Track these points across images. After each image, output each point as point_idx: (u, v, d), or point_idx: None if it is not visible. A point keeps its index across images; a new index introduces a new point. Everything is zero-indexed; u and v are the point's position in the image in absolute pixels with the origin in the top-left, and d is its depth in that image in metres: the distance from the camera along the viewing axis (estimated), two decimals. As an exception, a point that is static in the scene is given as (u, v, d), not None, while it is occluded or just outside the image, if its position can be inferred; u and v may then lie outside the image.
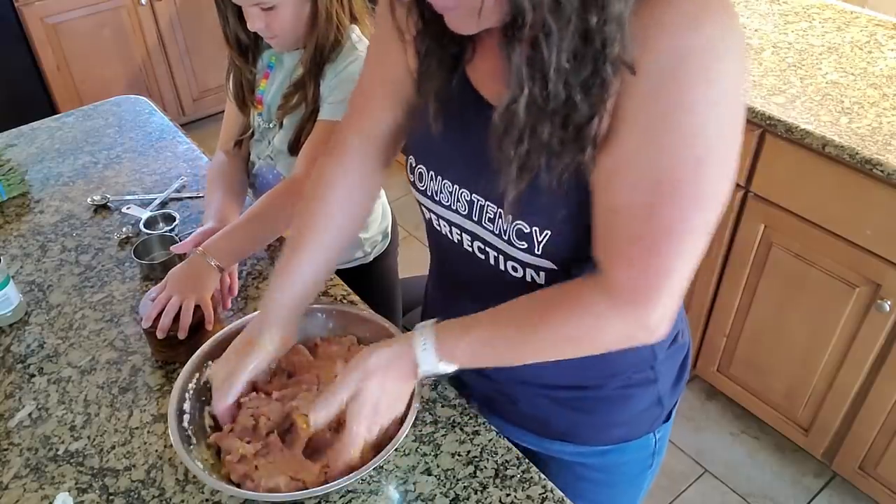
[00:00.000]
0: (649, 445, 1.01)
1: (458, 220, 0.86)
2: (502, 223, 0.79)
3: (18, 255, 1.37)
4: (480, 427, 1.01)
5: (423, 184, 0.87)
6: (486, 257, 0.85)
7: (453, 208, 0.85)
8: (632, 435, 0.99)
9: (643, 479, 1.07)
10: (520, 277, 0.83)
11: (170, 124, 1.77)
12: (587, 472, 1.02)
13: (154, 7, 3.23)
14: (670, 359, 0.96)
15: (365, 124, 0.95)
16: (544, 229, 0.76)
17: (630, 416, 0.97)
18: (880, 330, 1.65)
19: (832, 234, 1.65)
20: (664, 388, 0.97)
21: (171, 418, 0.91)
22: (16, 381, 1.12)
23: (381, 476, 0.95)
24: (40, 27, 2.98)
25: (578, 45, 0.62)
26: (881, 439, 1.77)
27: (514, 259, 0.82)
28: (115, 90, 2.80)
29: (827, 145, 1.55)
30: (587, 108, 0.65)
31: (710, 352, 2.11)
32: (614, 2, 0.60)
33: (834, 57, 1.83)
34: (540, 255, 0.78)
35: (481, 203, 0.81)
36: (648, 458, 1.03)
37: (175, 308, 1.09)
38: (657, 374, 0.95)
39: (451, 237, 0.89)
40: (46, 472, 0.98)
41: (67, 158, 1.65)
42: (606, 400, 0.95)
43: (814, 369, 1.84)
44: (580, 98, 0.64)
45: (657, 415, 0.99)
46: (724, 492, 2.03)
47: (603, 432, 0.98)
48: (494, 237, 0.82)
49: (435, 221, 0.90)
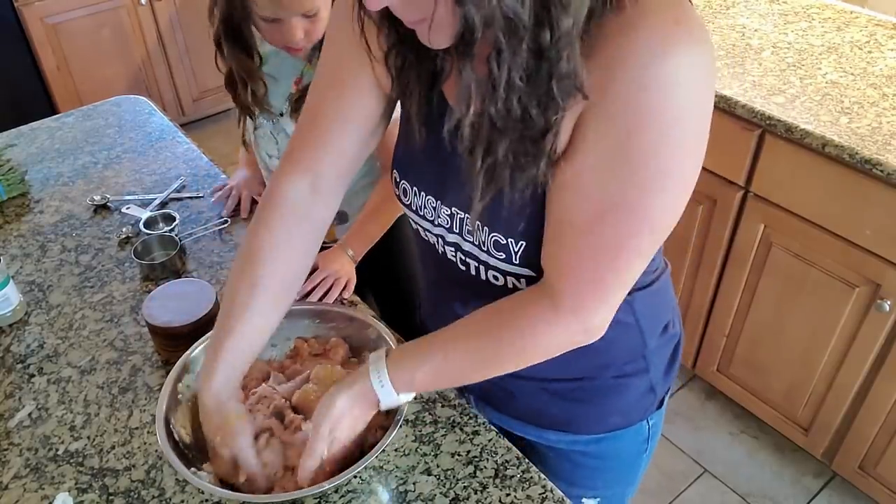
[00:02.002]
0: (643, 432, 1.03)
1: (441, 233, 0.87)
2: (481, 235, 0.81)
3: (18, 255, 1.37)
4: (480, 427, 1.01)
5: (408, 198, 0.88)
6: (468, 268, 0.87)
7: (436, 223, 0.86)
8: (626, 423, 1.01)
9: (638, 463, 1.10)
10: (501, 285, 0.85)
11: (170, 124, 1.77)
12: (584, 459, 1.05)
13: (154, 7, 3.23)
14: (661, 348, 0.98)
15: (315, 158, 0.90)
16: (519, 240, 0.78)
17: (624, 404, 0.99)
18: (880, 330, 1.65)
19: (832, 234, 1.65)
20: (656, 376, 0.99)
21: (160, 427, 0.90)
22: (16, 381, 1.12)
23: (381, 476, 0.95)
24: (40, 27, 2.98)
25: (531, 62, 0.62)
26: (881, 439, 1.77)
27: (495, 269, 0.84)
28: (115, 90, 2.79)
29: (827, 145, 1.55)
30: (542, 122, 0.66)
31: (710, 352, 2.11)
32: (564, 18, 0.60)
33: (834, 57, 1.83)
34: (518, 265, 0.80)
35: (461, 216, 0.83)
36: (643, 444, 1.05)
37: (329, 283, 1.23)
38: (649, 363, 0.97)
39: (437, 248, 0.90)
40: (46, 472, 0.98)
41: (67, 158, 1.65)
42: (601, 390, 0.96)
43: (814, 369, 1.84)
44: (535, 113, 0.65)
45: (650, 402, 1.01)
46: (723, 491, 2.03)
47: (599, 421, 1.00)
48: (475, 248, 0.83)
49: (422, 233, 0.92)
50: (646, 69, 0.62)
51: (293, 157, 0.91)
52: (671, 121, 0.65)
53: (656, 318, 0.96)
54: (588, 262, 0.73)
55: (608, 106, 0.65)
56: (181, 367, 0.97)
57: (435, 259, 0.92)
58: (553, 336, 0.79)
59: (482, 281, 0.86)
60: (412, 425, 1.01)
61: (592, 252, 0.72)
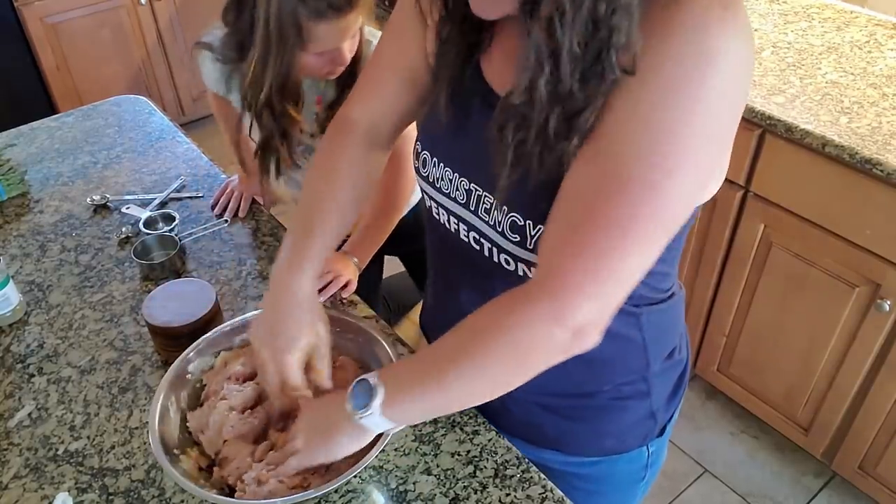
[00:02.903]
0: (641, 458, 1.00)
1: (455, 209, 0.86)
2: (497, 214, 0.79)
3: (18, 255, 1.37)
4: (480, 427, 1.01)
5: (426, 169, 0.88)
6: (481, 248, 0.85)
7: (452, 196, 0.85)
8: (623, 447, 0.98)
9: (635, 491, 1.06)
10: (512, 270, 0.83)
11: (169, 124, 1.77)
12: (578, 481, 1.01)
13: (154, 7, 3.23)
14: (666, 372, 0.95)
15: (372, 104, 0.95)
16: (537, 223, 0.75)
17: (621, 427, 0.96)
18: (880, 330, 1.65)
19: (832, 233, 1.65)
20: (658, 402, 0.96)
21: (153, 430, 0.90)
22: (15, 381, 1.12)
23: (381, 476, 0.95)
24: (40, 27, 2.98)
25: (587, 31, 0.62)
26: (881, 439, 1.77)
27: (507, 252, 0.81)
28: (114, 90, 2.79)
29: (827, 145, 1.55)
30: (583, 98, 0.65)
31: (710, 351, 2.11)
32: None
33: (833, 57, 1.83)
34: (532, 250, 0.77)
35: (479, 193, 0.81)
36: (641, 471, 1.02)
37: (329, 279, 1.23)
38: (650, 386, 0.94)
39: (448, 226, 0.89)
40: (46, 472, 0.98)
41: (67, 158, 1.65)
42: (598, 409, 0.94)
43: (814, 369, 1.84)
44: (577, 88, 0.64)
45: (650, 428, 0.98)
46: (723, 491, 2.03)
47: (593, 442, 0.98)
48: (489, 228, 0.81)
49: (434, 210, 0.90)
50: (684, 45, 0.62)
51: (354, 98, 0.97)
52: (698, 100, 0.63)
53: (663, 340, 0.93)
54: (582, 241, 0.66)
55: (640, 76, 0.63)
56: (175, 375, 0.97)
57: (445, 241, 0.91)
58: (531, 326, 0.69)
59: (493, 263, 0.84)
60: (412, 425, 1.01)
61: (590, 231, 0.66)
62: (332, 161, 0.96)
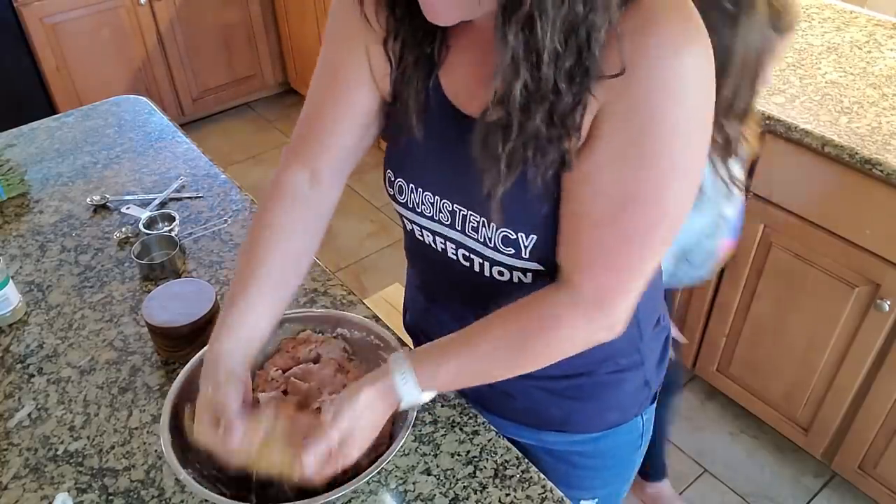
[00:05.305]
0: (638, 427, 1.04)
1: (441, 230, 0.86)
2: (487, 231, 0.80)
3: (18, 255, 1.37)
4: (480, 427, 1.01)
5: (404, 196, 0.87)
6: (471, 264, 0.86)
7: (436, 219, 0.85)
8: (623, 418, 1.02)
9: (634, 459, 1.11)
10: (506, 280, 0.85)
11: (169, 124, 1.77)
12: (582, 460, 1.05)
13: (153, 7, 3.22)
14: (654, 340, 1.00)
15: (313, 153, 0.91)
16: (530, 234, 0.77)
17: (621, 399, 1.00)
18: (880, 330, 1.65)
19: (832, 234, 1.65)
20: (650, 369, 1.00)
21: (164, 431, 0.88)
22: (15, 382, 1.12)
23: (380, 476, 0.95)
24: (39, 27, 2.98)
25: (567, 30, 0.63)
26: (881, 439, 1.77)
27: (501, 264, 0.83)
28: (114, 90, 2.79)
29: (826, 145, 1.55)
30: (571, 97, 0.67)
31: (710, 352, 2.11)
32: None
33: (833, 57, 1.83)
34: (527, 259, 0.79)
35: (464, 213, 0.82)
36: (638, 440, 1.06)
37: None
38: (643, 356, 0.97)
39: (434, 246, 0.89)
40: (46, 472, 0.98)
41: (67, 158, 1.65)
42: (599, 386, 0.97)
43: (813, 369, 1.84)
44: (564, 87, 0.66)
45: (645, 396, 1.02)
46: (723, 491, 2.03)
47: (596, 418, 1.01)
48: (480, 245, 0.82)
49: (417, 232, 0.90)
50: (660, 69, 0.65)
51: (293, 150, 0.93)
52: (682, 118, 0.67)
53: (652, 311, 0.97)
54: (608, 254, 0.74)
55: (623, 102, 0.67)
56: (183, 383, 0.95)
57: (431, 258, 0.91)
58: (576, 330, 0.78)
59: (485, 277, 0.85)
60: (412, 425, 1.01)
61: (612, 244, 0.73)
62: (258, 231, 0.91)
